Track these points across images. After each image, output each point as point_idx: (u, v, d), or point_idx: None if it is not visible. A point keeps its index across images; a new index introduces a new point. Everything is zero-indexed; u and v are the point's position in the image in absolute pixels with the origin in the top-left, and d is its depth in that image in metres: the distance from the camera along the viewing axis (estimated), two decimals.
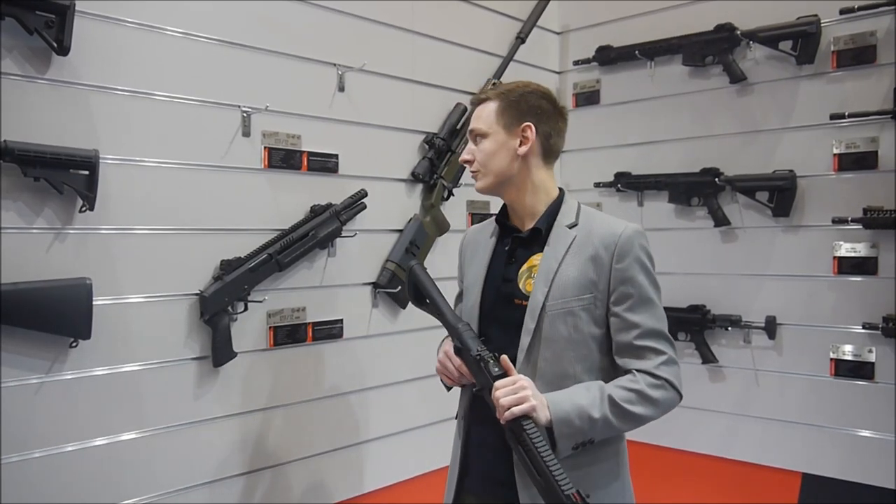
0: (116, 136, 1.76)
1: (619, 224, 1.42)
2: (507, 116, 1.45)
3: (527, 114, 1.45)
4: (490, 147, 1.45)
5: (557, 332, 1.38)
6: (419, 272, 1.55)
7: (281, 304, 2.10)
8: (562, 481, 1.20)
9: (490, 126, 1.45)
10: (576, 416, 1.30)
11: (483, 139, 1.46)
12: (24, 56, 1.61)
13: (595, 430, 1.32)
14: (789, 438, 2.51)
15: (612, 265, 1.38)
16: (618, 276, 1.38)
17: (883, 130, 2.32)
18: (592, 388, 1.34)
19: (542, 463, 1.22)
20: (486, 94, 1.48)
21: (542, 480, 1.21)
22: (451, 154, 2.52)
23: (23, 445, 1.62)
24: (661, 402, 1.35)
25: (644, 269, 1.39)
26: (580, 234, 1.42)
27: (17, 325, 1.57)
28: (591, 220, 1.45)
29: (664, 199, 2.76)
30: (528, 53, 2.86)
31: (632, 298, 1.38)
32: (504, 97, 1.46)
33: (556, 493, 1.19)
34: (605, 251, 1.39)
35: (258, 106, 2.01)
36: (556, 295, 1.38)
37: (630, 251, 1.38)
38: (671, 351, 1.39)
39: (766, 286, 2.57)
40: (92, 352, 1.71)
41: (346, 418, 2.28)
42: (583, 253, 1.40)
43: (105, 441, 1.75)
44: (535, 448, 1.24)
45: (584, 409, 1.31)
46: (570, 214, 1.46)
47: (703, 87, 2.71)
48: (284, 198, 2.11)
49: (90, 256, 1.72)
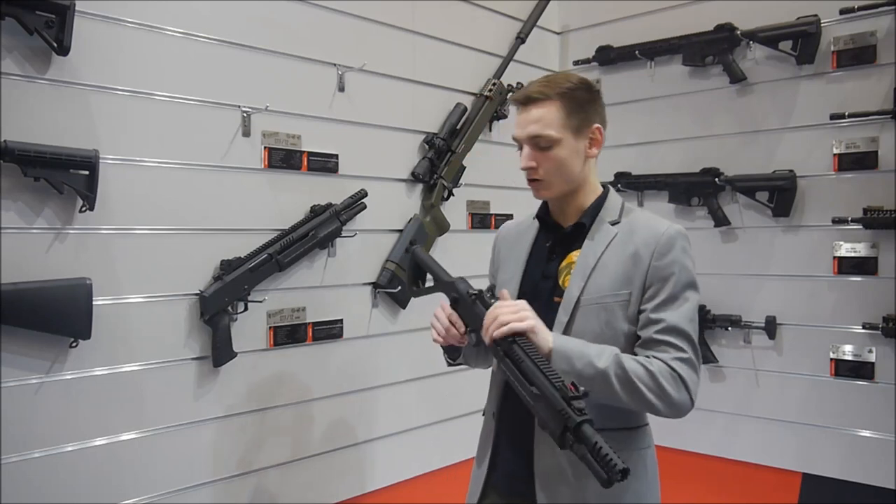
0: (116, 136, 1.76)
1: (662, 223, 1.39)
2: (576, 119, 1.37)
3: (591, 113, 1.40)
4: (561, 154, 1.37)
5: (589, 326, 1.35)
6: (419, 252, 1.56)
7: (281, 304, 2.10)
8: (556, 381, 1.14)
9: (559, 131, 1.36)
10: (577, 357, 1.26)
11: (552, 146, 1.37)
12: (24, 56, 1.61)
13: (594, 382, 1.25)
14: (789, 438, 2.51)
15: (651, 263, 1.35)
16: (654, 275, 1.34)
17: (883, 130, 2.32)
18: (605, 347, 1.30)
19: (537, 370, 1.17)
20: (543, 93, 1.37)
21: (538, 389, 1.15)
22: (451, 154, 2.52)
23: (23, 445, 1.62)
24: (670, 396, 1.28)
25: (682, 270, 1.35)
26: (622, 232, 1.39)
27: (17, 325, 1.57)
28: (634, 219, 1.42)
29: (664, 199, 2.76)
30: (528, 53, 2.86)
31: (663, 296, 1.34)
32: (567, 98, 1.37)
33: (555, 398, 1.12)
34: (646, 249, 1.36)
35: (258, 106, 2.01)
36: (591, 290, 1.36)
37: (670, 251, 1.35)
38: (693, 354, 1.32)
39: (766, 286, 2.57)
40: (92, 352, 1.71)
41: (345, 418, 2.28)
42: (623, 250, 1.37)
43: (105, 441, 1.75)
44: (528, 356, 1.19)
45: (588, 354, 1.27)
46: (613, 211, 1.43)
47: (703, 87, 2.71)
48: (284, 198, 2.11)
49: (90, 256, 1.72)
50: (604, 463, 1.06)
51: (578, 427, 1.09)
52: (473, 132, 2.59)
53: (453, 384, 2.48)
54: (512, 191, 2.80)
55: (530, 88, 1.40)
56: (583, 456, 1.09)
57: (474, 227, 2.70)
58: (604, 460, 1.06)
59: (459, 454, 2.56)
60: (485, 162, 2.69)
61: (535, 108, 1.38)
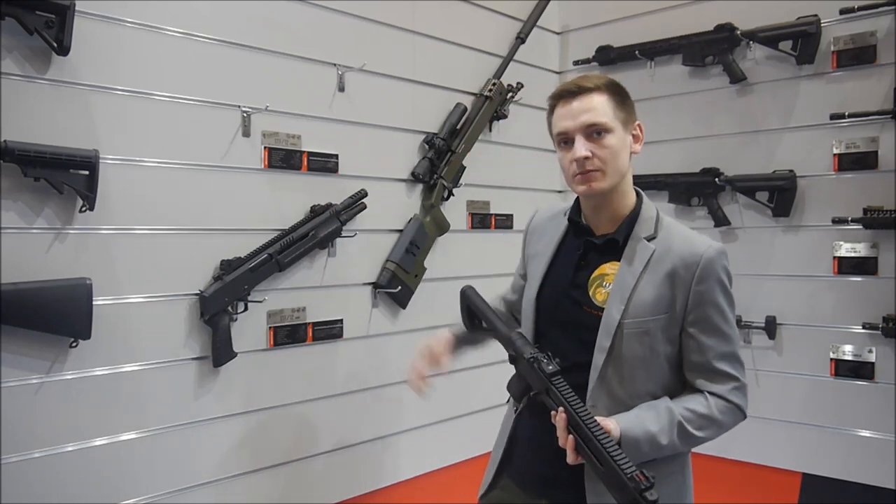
0: (116, 136, 1.76)
1: (703, 242, 1.36)
2: (623, 112, 1.37)
3: (633, 110, 1.40)
4: (616, 143, 1.35)
5: (633, 351, 1.33)
6: (471, 294, 1.53)
7: (281, 304, 2.10)
8: (625, 467, 1.16)
9: (611, 120, 1.35)
10: (645, 443, 1.27)
11: (607, 134, 1.34)
12: (24, 56, 1.61)
13: (659, 454, 1.30)
14: (789, 438, 2.51)
15: (693, 286, 1.33)
16: (696, 299, 1.33)
17: (883, 130, 2.32)
18: (662, 413, 1.30)
19: (606, 455, 1.18)
20: (593, 83, 1.36)
21: (607, 471, 1.17)
22: (451, 154, 2.52)
23: (23, 445, 1.62)
24: (727, 425, 1.35)
25: (724, 291, 1.35)
26: (659, 249, 1.36)
27: (17, 325, 1.57)
28: (671, 234, 1.39)
29: (664, 199, 2.76)
30: (528, 53, 2.86)
31: (709, 320, 1.33)
32: (613, 91, 1.37)
33: (627, 488, 1.14)
34: (686, 271, 1.33)
35: (258, 106, 2.01)
36: (632, 313, 1.33)
37: (712, 273, 1.33)
38: (742, 375, 1.36)
39: (766, 286, 2.57)
40: (92, 352, 1.71)
41: (346, 419, 2.28)
42: (660, 269, 1.34)
43: (105, 441, 1.75)
44: (595, 437, 1.20)
45: (653, 435, 1.27)
46: (649, 224, 1.39)
47: (703, 87, 2.71)
48: (284, 198, 2.11)
49: (90, 256, 1.72)
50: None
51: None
52: (473, 132, 2.59)
53: (453, 384, 2.47)
54: (512, 191, 2.80)
55: (578, 80, 1.38)
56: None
57: (474, 228, 2.70)
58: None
59: (460, 454, 2.57)
60: (485, 162, 2.69)
61: (586, 97, 1.35)
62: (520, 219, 2.80)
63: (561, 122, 1.38)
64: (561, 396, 1.26)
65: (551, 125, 1.43)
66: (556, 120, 1.40)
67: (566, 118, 1.37)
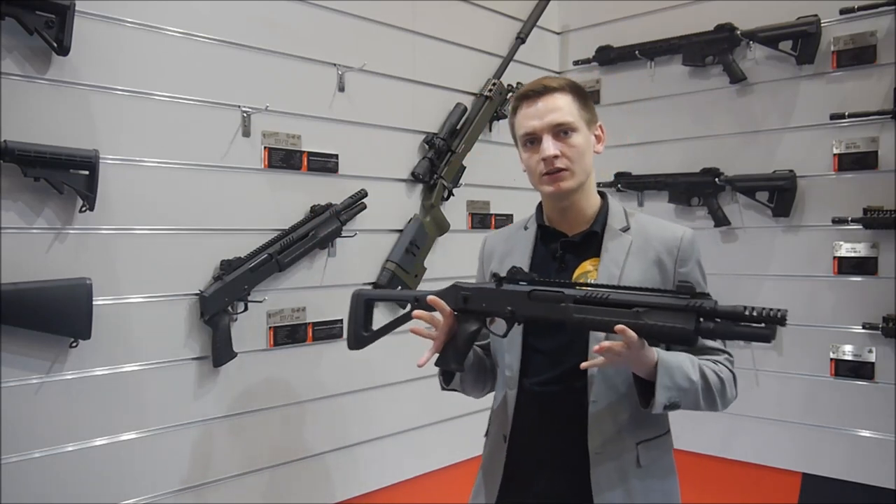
0: (116, 136, 1.76)
1: (676, 227, 1.41)
2: (587, 112, 1.39)
3: (594, 111, 1.42)
4: (582, 142, 1.37)
5: None
6: (367, 290, 1.54)
7: (281, 304, 2.10)
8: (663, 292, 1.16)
9: (577, 119, 1.37)
10: (677, 369, 1.28)
11: (573, 133, 1.36)
12: (24, 56, 1.61)
13: (686, 394, 1.29)
14: (789, 438, 2.51)
15: (676, 269, 1.37)
16: (681, 281, 1.35)
17: (883, 130, 2.32)
18: (685, 356, 1.32)
19: (637, 296, 1.18)
20: (557, 83, 1.38)
21: (643, 306, 1.16)
22: (451, 154, 2.52)
23: (23, 445, 1.62)
24: (729, 399, 1.37)
25: (702, 271, 1.41)
26: (636, 238, 1.39)
27: (17, 325, 1.57)
28: (644, 224, 1.42)
29: (664, 200, 2.76)
30: (528, 53, 2.86)
31: None
32: (577, 92, 1.39)
33: (675, 299, 1.14)
34: (668, 256, 1.37)
35: (258, 106, 2.01)
36: None
37: (692, 255, 1.38)
38: (726, 347, 1.41)
39: (766, 286, 2.57)
40: (92, 352, 1.71)
41: (345, 418, 2.28)
42: (644, 257, 1.37)
43: (105, 441, 1.75)
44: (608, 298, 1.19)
45: (685, 370, 1.29)
46: (619, 217, 1.42)
47: (703, 87, 2.71)
48: (284, 198, 2.11)
49: (90, 256, 1.72)
50: (763, 318, 1.08)
51: (713, 308, 1.11)
52: (473, 132, 2.59)
53: None
54: (512, 191, 2.80)
55: (543, 81, 1.39)
56: (731, 331, 1.11)
57: (474, 227, 2.70)
58: (762, 317, 1.07)
59: (460, 454, 2.56)
60: (485, 162, 2.69)
61: (551, 97, 1.36)
62: (520, 218, 2.79)
63: (527, 121, 1.38)
64: (557, 284, 1.27)
65: (515, 126, 1.43)
66: (521, 120, 1.40)
67: (533, 118, 1.37)
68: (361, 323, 1.53)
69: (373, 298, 1.54)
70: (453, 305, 1.38)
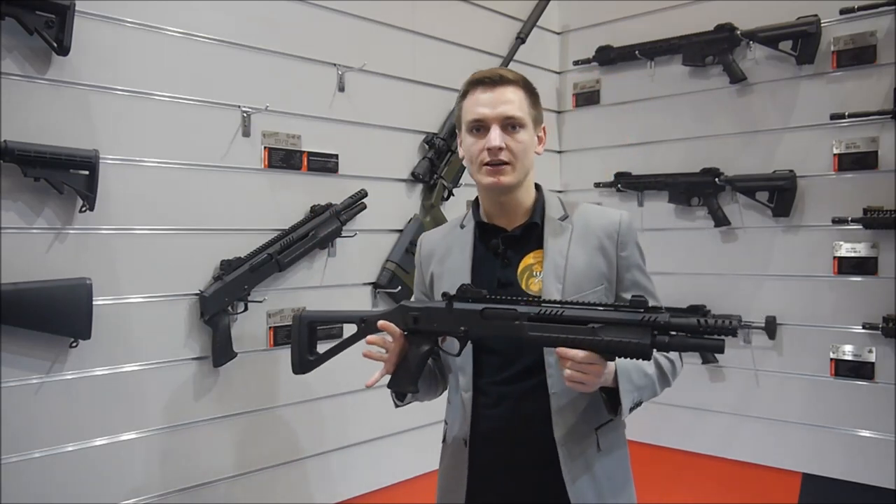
0: (116, 136, 1.76)
1: (613, 212, 1.42)
2: (536, 111, 1.39)
3: (541, 111, 1.42)
4: (527, 139, 1.36)
5: None
6: (312, 313, 1.49)
7: (281, 304, 2.10)
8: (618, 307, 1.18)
9: (526, 116, 1.36)
10: (634, 371, 1.29)
11: (521, 129, 1.35)
12: (24, 56, 1.61)
13: (644, 390, 1.32)
14: (789, 438, 2.51)
15: (618, 253, 1.39)
16: (623, 264, 1.39)
17: (883, 130, 2.32)
18: None
19: (592, 312, 1.18)
20: (513, 76, 1.37)
21: (598, 322, 1.16)
22: (451, 154, 2.52)
23: (23, 445, 1.62)
24: (678, 371, 1.41)
25: (641, 252, 1.43)
26: (577, 226, 1.39)
27: (17, 325, 1.57)
28: (583, 211, 1.43)
29: (664, 199, 2.76)
30: (528, 53, 2.86)
31: (638, 283, 1.40)
32: (528, 87, 1.38)
33: (629, 314, 1.15)
34: (609, 241, 1.38)
35: (258, 106, 2.01)
36: (571, 290, 1.34)
37: (630, 238, 1.40)
38: None
39: (766, 286, 2.57)
40: (92, 352, 1.71)
41: (346, 419, 2.28)
42: (587, 244, 1.38)
43: (105, 441, 1.75)
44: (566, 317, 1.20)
45: (641, 365, 1.30)
46: (556, 207, 1.42)
47: (703, 87, 2.71)
48: (284, 198, 2.11)
49: (90, 256, 1.72)
50: (716, 329, 1.08)
51: (668, 322, 1.12)
52: None
53: None
54: None
55: (499, 70, 1.38)
56: (685, 344, 1.12)
57: None
58: (715, 328, 1.08)
59: None
60: None
61: (506, 89, 1.35)
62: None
63: (478, 108, 1.36)
64: (511, 302, 1.26)
65: (463, 110, 1.40)
66: (470, 105, 1.38)
67: (484, 105, 1.35)
68: (306, 346, 1.47)
69: (316, 321, 1.49)
70: (402, 326, 1.36)
